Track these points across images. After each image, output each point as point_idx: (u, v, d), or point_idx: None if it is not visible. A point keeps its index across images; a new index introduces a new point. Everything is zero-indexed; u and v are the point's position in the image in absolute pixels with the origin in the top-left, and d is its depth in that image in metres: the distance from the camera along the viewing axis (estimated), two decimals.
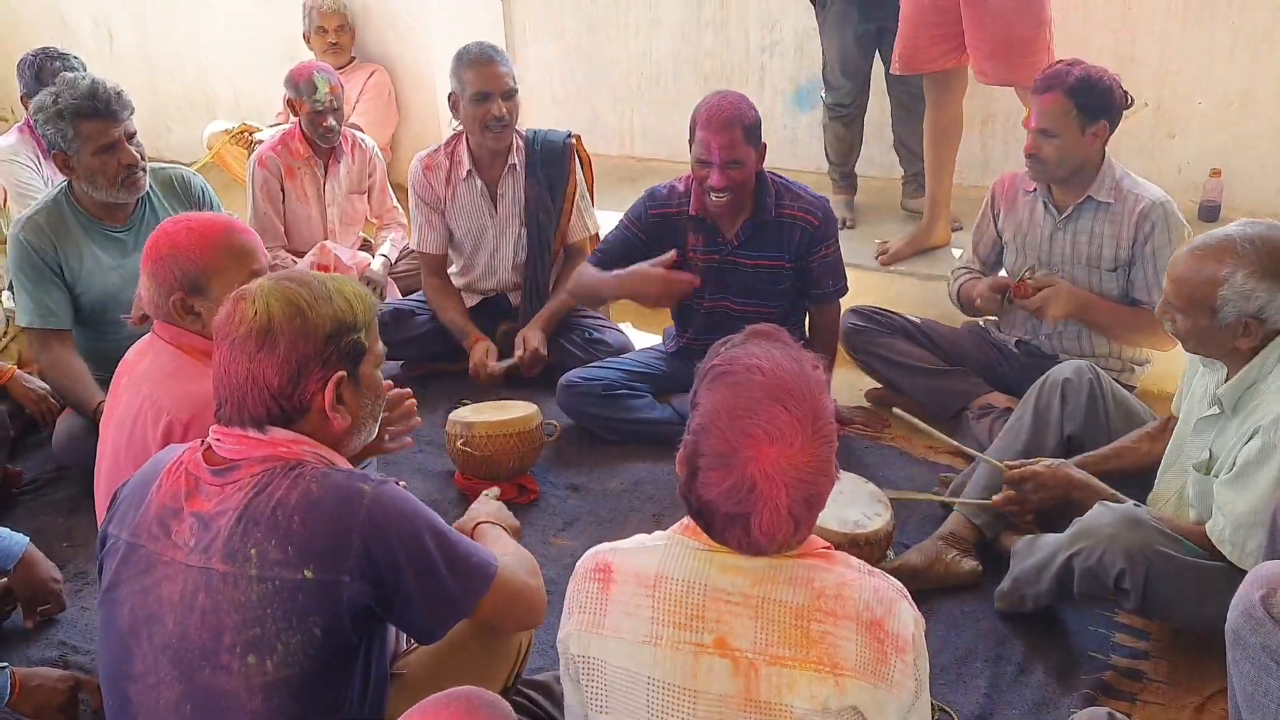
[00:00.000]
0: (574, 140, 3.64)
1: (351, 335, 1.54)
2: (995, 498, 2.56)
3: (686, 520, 1.46)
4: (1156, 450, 2.49)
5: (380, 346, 1.63)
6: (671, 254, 3.01)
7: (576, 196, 3.63)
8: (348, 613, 1.44)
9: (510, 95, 3.38)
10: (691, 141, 2.93)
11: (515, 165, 3.54)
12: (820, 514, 2.33)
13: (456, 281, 3.71)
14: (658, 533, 1.50)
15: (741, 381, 1.37)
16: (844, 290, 3.14)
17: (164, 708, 1.45)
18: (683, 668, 1.39)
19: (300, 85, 3.85)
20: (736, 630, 1.38)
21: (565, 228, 3.64)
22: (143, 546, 1.50)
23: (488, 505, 2.06)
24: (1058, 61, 2.89)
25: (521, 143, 3.56)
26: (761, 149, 2.93)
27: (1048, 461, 2.50)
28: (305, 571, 1.42)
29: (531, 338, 3.42)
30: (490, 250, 3.63)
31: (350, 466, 1.56)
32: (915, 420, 2.75)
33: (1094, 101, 2.78)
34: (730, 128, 2.85)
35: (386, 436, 2.00)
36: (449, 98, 3.44)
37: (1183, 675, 2.30)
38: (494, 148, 3.47)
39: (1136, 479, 2.50)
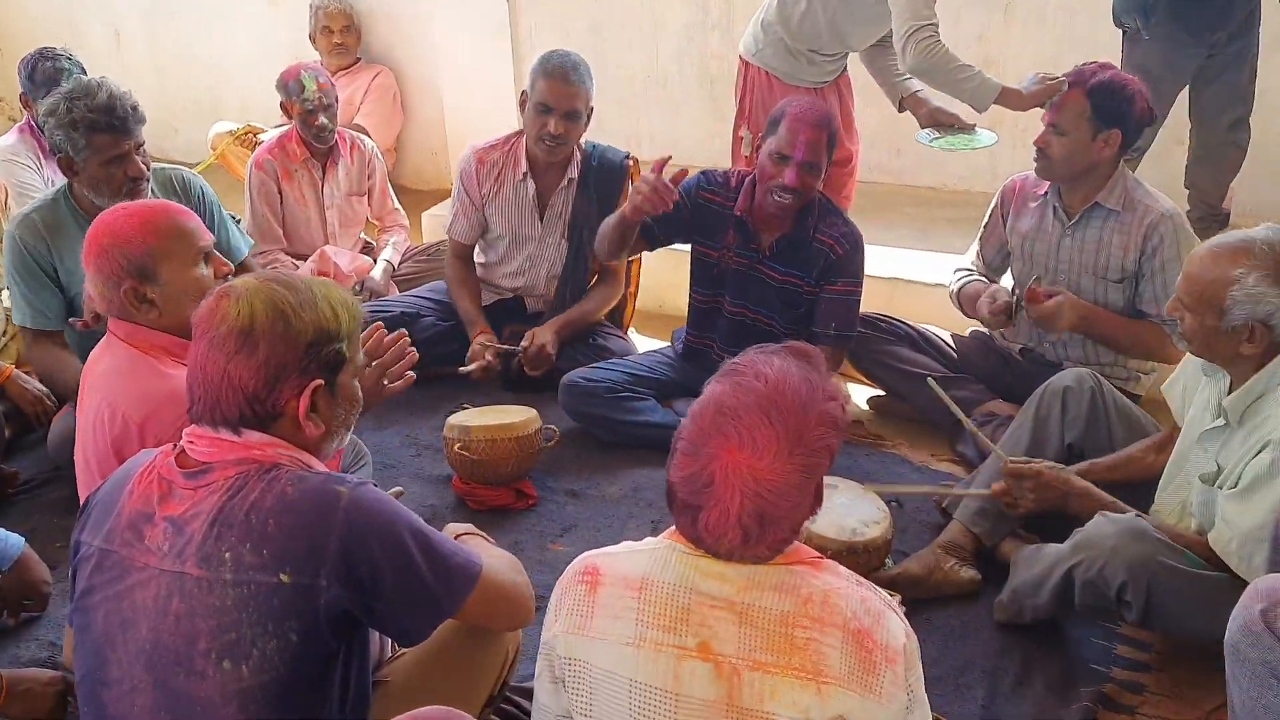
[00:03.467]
0: (632, 162, 3.59)
1: (333, 345, 1.52)
2: (994, 485, 2.52)
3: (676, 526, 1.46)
4: (1162, 461, 2.46)
5: (361, 357, 1.62)
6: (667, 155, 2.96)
7: None
8: (325, 617, 1.42)
9: (574, 116, 3.32)
10: (767, 136, 2.90)
11: (573, 179, 3.49)
12: (819, 521, 2.35)
13: (480, 272, 3.68)
14: (648, 538, 1.50)
15: (743, 383, 1.38)
16: (844, 340, 3.03)
17: (139, 714, 1.43)
18: (665, 671, 1.38)
19: (289, 86, 3.84)
20: (721, 635, 1.37)
21: None
22: (115, 552, 1.48)
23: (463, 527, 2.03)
24: (1092, 62, 2.86)
25: (580, 156, 3.51)
26: (829, 166, 2.91)
27: (1050, 464, 2.47)
28: (281, 575, 1.40)
29: (541, 334, 3.39)
30: (527, 254, 3.60)
31: (327, 470, 1.54)
32: (944, 394, 2.71)
33: (1111, 107, 2.75)
34: (821, 128, 2.83)
35: (386, 381, 1.99)
36: (521, 95, 3.40)
37: (1185, 688, 2.27)
38: (547, 159, 3.43)
39: (1140, 489, 2.47)
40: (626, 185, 3.52)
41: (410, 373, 2.05)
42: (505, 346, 3.43)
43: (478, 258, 3.68)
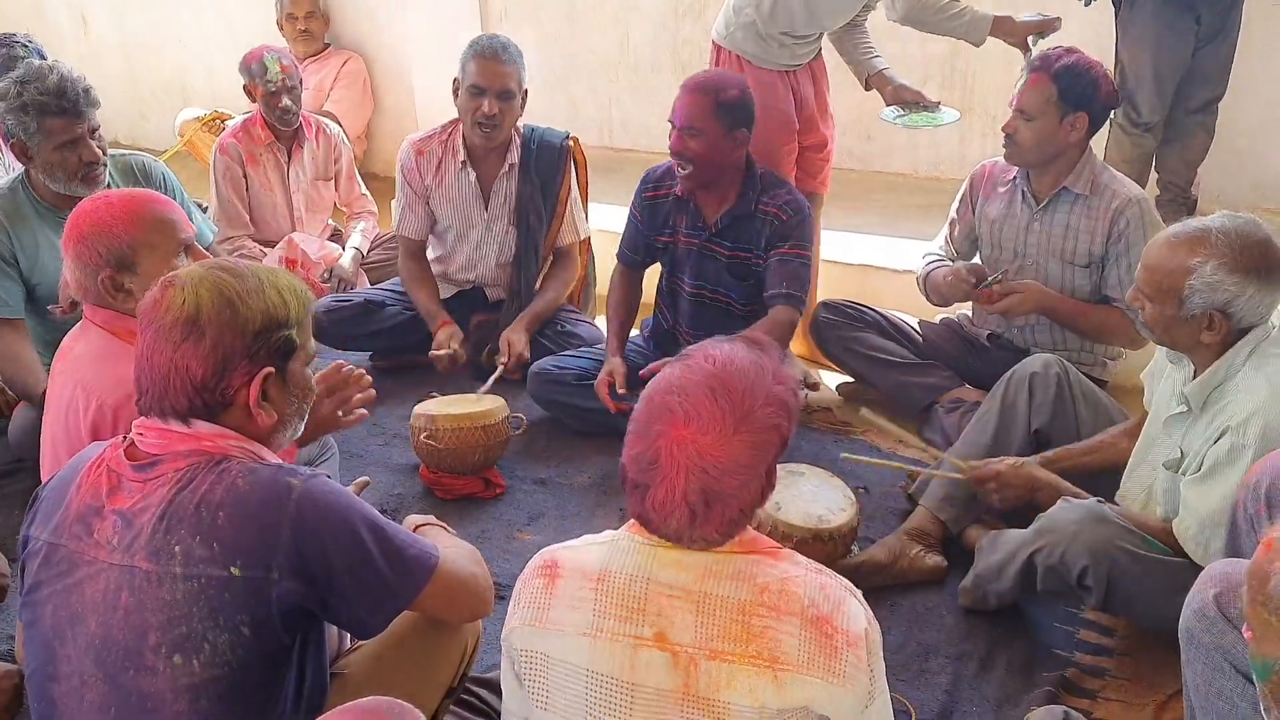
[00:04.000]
0: (571, 141, 3.57)
1: (282, 331, 1.50)
2: (969, 463, 2.53)
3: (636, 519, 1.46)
4: (1132, 447, 2.47)
5: (313, 345, 1.59)
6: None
7: (570, 200, 3.56)
8: (277, 610, 1.41)
9: (507, 96, 3.29)
10: None
11: (514, 165, 3.47)
12: (785, 508, 2.36)
13: (434, 269, 3.65)
14: (607, 531, 1.50)
15: (691, 365, 1.39)
16: (796, 300, 2.99)
17: (88, 710, 1.42)
18: (621, 661, 1.38)
19: (252, 68, 3.81)
20: (677, 624, 1.37)
21: (557, 231, 3.57)
22: (64, 546, 1.46)
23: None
24: (1058, 46, 2.86)
25: (519, 140, 3.49)
26: (738, 136, 2.88)
27: (1011, 460, 2.48)
28: (232, 569, 1.39)
29: (516, 341, 3.35)
30: (474, 244, 3.58)
31: (280, 461, 1.53)
32: (881, 420, 2.73)
33: (1077, 90, 2.75)
34: (702, 93, 2.82)
35: (340, 412, 1.99)
36: (453, 83, 3.38)
37: (1146, 672, 2.28)
38: (484, 144, 3.40)
39: (1110, 476, 2.48)
40: (567, 165, 3.53)
41: (363, 410, 2.04)
42: (491, 380, 3.29)
43: (429, 253, 3.65)
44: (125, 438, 1.52)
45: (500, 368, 3.30)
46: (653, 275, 3.34)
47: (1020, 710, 2.18)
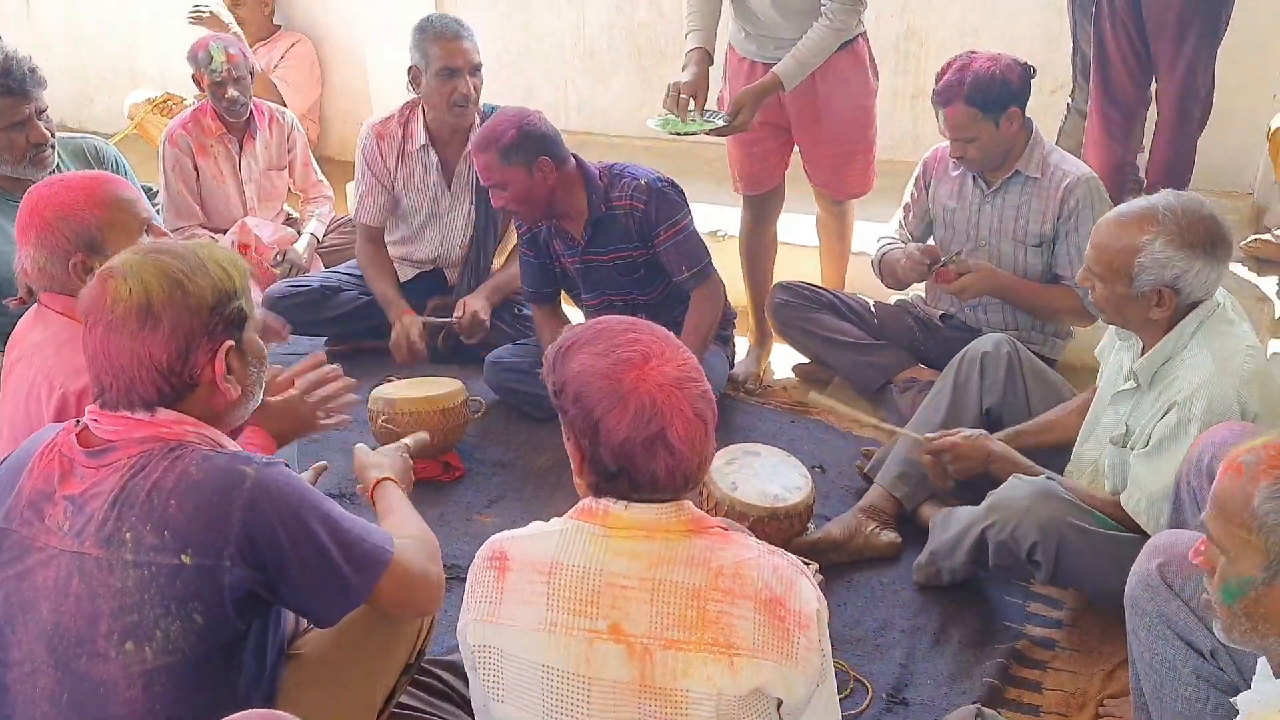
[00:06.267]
0: None
1: (233, 303, 1.50)
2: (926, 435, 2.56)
3: (583, 504, 1.45)
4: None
5: (257, 311, 1.59)
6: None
7: None
8: (230, 598, 1.41)
9: (478, 70, 3.31)
10: None
11: None
12: (741, 487, 2.38)
13: (393, 251, 3.61)
14: (555, 519, 1.49)
15: (586, 339, 1.42)
16: (703, 273, 2.98)
17: (40, 696, 1.41)
18: (577, 655, 1.38)
19: (198, 57, 3.76)
20: (632, 615, 1.37)
21: None
22: (15, 532, 1.45)
23: (395, 460, 1.98)
24: (950, 65, 2.85)
25: (478, 119, 3.45)
26: (541, 165, 2.84)
27: (967, 432, 2.52)
28: (183, 557, 1.38)
29: (473, 302, 3.35)
30: (440, 226, 3.56)
31: (236, 447, 1.52)
32: (833, 403, 2.78)
33: (994, 98, 2.78)
34: (484, 150, 2.85)
35: (321, 414, 1.98)
36: (409, 71, 3.34)
37: (1094, 643, 2.34)
38: (457, 125, 3.39)
39: (1060, 451, 2.53)
40: None
41: (345, 415, 2.05)
42: (435, 320, 3.39)
43: (387, 236, 3.62)
44: (79, 422, 1.50)
45: (453, 318, 3.32)
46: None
47: (972, 683, 2.23)
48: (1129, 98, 3.49)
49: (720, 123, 3.04)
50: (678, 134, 3.06)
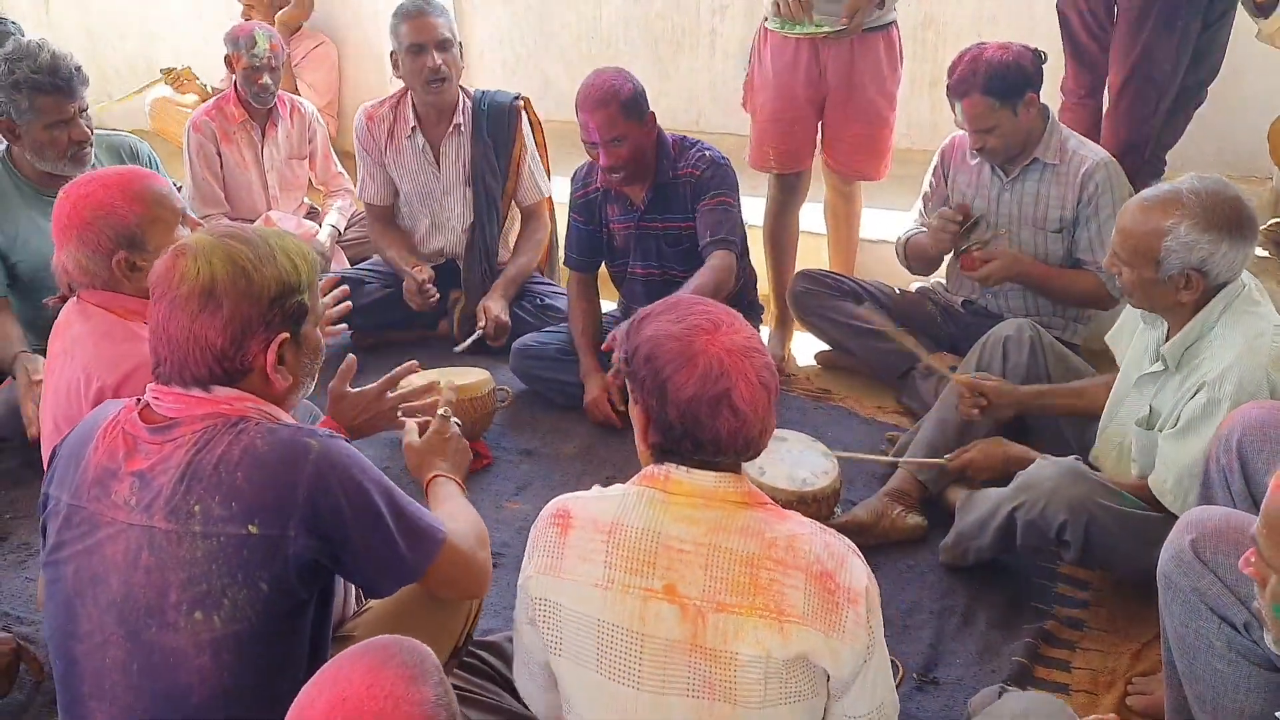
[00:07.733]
0: (522, 102, 3.62)
1: (295, 297, 1.53)
2: (945, 458, 2.60)
3: (646, 470, 1.50)
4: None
5: (321, 305, 1.62)
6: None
7: (525, 158, 3.61)
8: (294, 567, 1.44)
9: (445, 46, 3.36)
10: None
11: (460, 125, 3.52)
12: (769, 471, 2.40)
13: None
14: (616, 485, 1.54)
15: (661, 310, 1.50)
16: (729, 244, 2.98)
17: (111, 667, 1.45)
18: (631, 611, 1.42)
19: (240, 40, 3.81)
20: (686, 578, 1.41)
21: (514, 190, 3.63)
22: (84, 508, 1.48)
23: (457, 459, 1.98)
24: (962, 57, 2.85)
25: (469, 103, 3.54)
26: (648, 119, 2.95)
27: (980, 444, 2.56)
28: (250, 527, 1.41)
29: (493, 307, 3.41)
30: (435, 209, 3.63)
31: (295, 421, 1.55)
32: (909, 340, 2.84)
33: (1010, 86, 2.80)
34: (606, 105, 2.88)
35: (400, 412, 2.07)
36: (391, 56, 3.43)
37: (1122, 622, 2.36)
38: (435, 103, 3.45)
39: (1082, 434, 2.54)
40: (519, 124, 3.58)
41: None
42: (469, 341, 3.39)
43: None
44: (140, 400, 1.53)
45: (479, 331, 3.36)
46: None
47: (1000, 662, 2.26)
48: (1099, 66, 3.44)
49: (832, 29, 3.13)
50: (799, 34, 3.19)
